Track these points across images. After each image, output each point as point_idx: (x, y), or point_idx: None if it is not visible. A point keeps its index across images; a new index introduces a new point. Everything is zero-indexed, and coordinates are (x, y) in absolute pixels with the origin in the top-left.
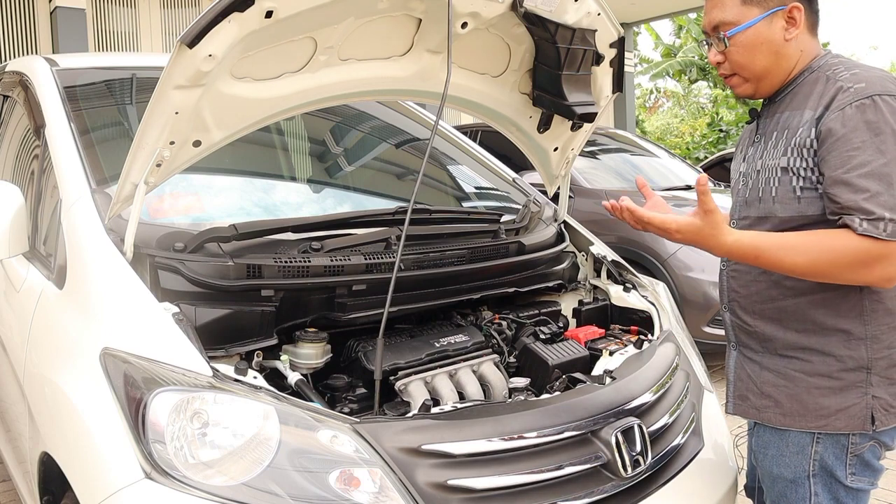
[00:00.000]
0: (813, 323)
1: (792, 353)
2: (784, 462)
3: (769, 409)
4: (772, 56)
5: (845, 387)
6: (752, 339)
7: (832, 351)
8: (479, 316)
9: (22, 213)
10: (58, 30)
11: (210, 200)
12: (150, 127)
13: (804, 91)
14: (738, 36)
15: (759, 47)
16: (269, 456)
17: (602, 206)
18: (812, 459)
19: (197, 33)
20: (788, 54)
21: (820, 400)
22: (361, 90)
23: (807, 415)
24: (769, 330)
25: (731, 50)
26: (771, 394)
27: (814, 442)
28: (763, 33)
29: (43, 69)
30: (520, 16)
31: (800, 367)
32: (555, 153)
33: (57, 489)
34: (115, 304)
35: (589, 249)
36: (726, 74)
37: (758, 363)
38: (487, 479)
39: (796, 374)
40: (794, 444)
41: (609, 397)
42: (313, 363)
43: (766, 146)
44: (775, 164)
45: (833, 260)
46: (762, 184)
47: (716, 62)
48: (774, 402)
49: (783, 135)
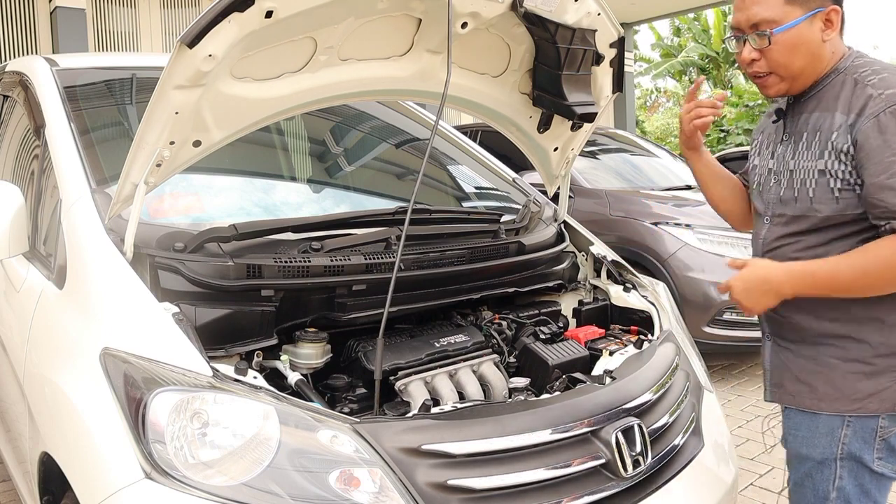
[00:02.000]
0: (847, 312)
1: (827, 341)
2: (813, 444)
3: (804, 394)
4: (809, 56)
5: (878, 371)
6: (787, 329)
7: (866, 338)
8: (479, 316)
9: (22, 213)
10: (58, 30)
11: (210, 200)
12: (150, 127)
13: (831, 93)
14: (781, 34)
15: (800, 47)
16: (269, 456)
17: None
18: (841, 442)
19: (197, 33)
20: (823, 56)
21: (855, 384)
22: (361, 90)
23: (841, 398)
24: (804, 321)
25: (772, 48)
26: (807, 380)
27: (844, 425)
28: (804, 34)
29: (43, 69)
30: (520, 16)
31: (834, 354)
32: (555, 153)
33: (57, 489)
34: (115, 304)
35: (589, 249)
36: (761, 73)
37: (792, 352)
38: (487, 479)
39: (831, 361)
40: (824, 426)
41: (609, 397)
42: (313, 363)
43: (798, 147)
44: (812, 167)
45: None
46: (797, 184)
47: (750, 59)
48: (810, 387)
49: (816, 136)
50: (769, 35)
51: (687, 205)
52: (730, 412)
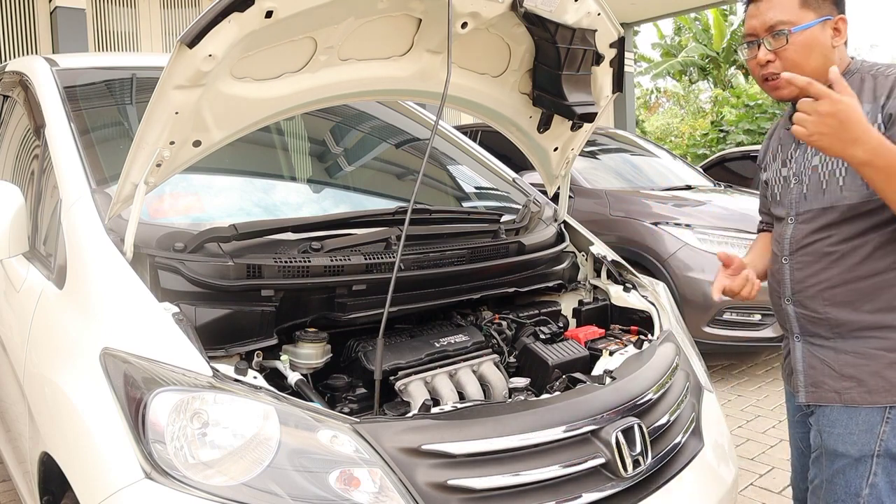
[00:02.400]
0: (887, 302)
1: (868, 334)
2: (851, 440)
3: (851, 389)
4: (822, 59)
5: None
6: (821, 326)
7: None
8: (479, 316)
9: (22, 213)
10: (58, 30)
11: (210, 200)
12: (150, 127)
13: (852, 89)
14: (798, 34)
15: (815, 49)
16: (269, 456)
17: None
18: (879, 439)
19: (197, 33)
20: (833, 60)
21: None
22: (361, 90)
23: (892, 389)
24: (842, 315)
25: (787, 48)
26: (852, 374)
27: (883, 421)
28: (818, 36)
29: (43, 69)
30: (520, 16)
31: (878, 345)
32: (555, 153)
33: (57, 489)
34: (115, 304)
35: (589, 249)
36: (774, 75)
37: (832, 349)
38: (487, 479)
39: (876, 352)
40: (863, 422)
41: (609, 397)
42: (313, 363)
43: (808, 153)
44: (834, 166)
45: None
46: (824, 177)
47: (766, 61)
48: (857, 381)
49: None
50: (787, 34)
51: (687, 205)
52: (730, 412)
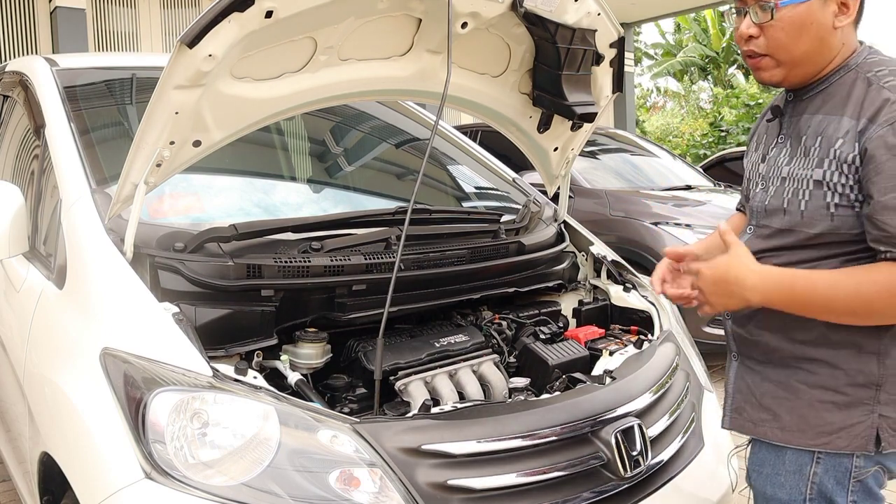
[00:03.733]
0: (822, 334)
1: (797, 364)
2: (779, 482)
3: (767, 422)
4: (816, 41)
5: (851, 403)
6: (755, 349)
7: (840, 364)
8: (479, 316)
9: (22, 213)
10: (58, 30)
11: (210, 200)
12: (150, 127)
13: (840, 93)
14: (787, 9)
15: (808, 28)
16: (269, 456)
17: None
18: (810, 481)
19: (197, 33)
20: (832, 44)
21: (823, 415)
22: (361, 90)
23: (807, 430)
24: (774, 341)
25: (773, 24)
26: (770, 406)
27: (813, 462)
28: (815, 13)
29: (43, 69)
30: (520, 16)
31: (804, 379)
32: (555, 153)
33: (57, 489)
34: (115, 304)
35: (589, 249)
36: (756, 53)
37: (759, 373)
38: (487, 479)
39: (799, 386)
40: (791, 462)
41: (609, 397)
42: (313, 363)
43: (795, 152)
44: (807, 176)
45: (879, 299)
46: (788, 194)
47: (748, 35)
48: (773, 415)
49: (816, 142)
50: (773, 7)
51: (687, 205)
52: None
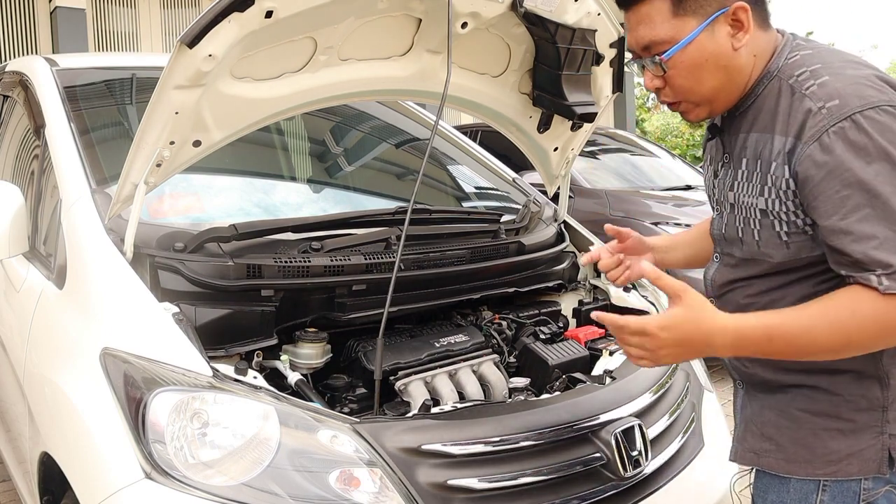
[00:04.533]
0: (816, 364)
1: (795, 391)
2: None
3: (771, 453)
4: (721, 72)
5: (857, 429)
6: (752, 379)
7: (839, 391)
8: (479, 316)
9: (22, 213)
10: (58, 30)
11: (210, 200)
12: (150, 127)
13: (767, 105)
14: (676, 56)
15: (704, 65)
16: (269, 456)
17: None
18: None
19: (197, 33)
20: (740, 65)
21: (829, 443)
22: (361, 90)
23: (814, 460)
24: (766, 373)
25: (670, 74)
26: (772, 436)
27: (819, 490)
28: (707, 48)
29: (43, 69)
30: (520, 16)
31: (805, 406)
32: (555, 153)
33: (57, 489)
34: (115, 304)
35: (589, 249)
36: (670, 101)
37: (759, 401)
38: (487, 479)
39: (800, 415)
40: (796, 490)
41: (609, 397)
42: (313, 363)
43: (737, 175)
44: (752, 205)
45: (869, 328)
46: (740, 223)
47: (654, 88)
48: (776, 445)
49: (756, 166)
50: (660, 62)
51: (687, 205)
52: (730, 412)
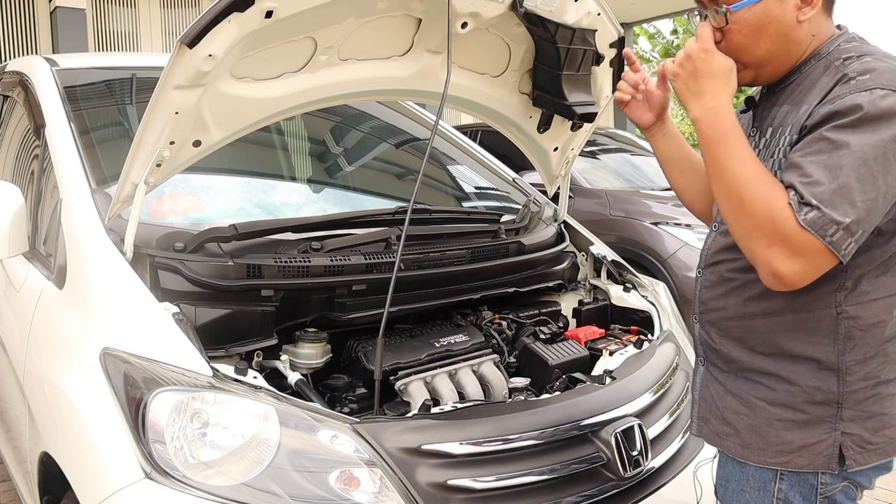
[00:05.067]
0: (780, 348)
1: (756, 378)
2: (745, 499)
3: (730, 437)
4: (780, 40)
5: (811, 421)
6: (717, 357)
7: (798, 380)
8: (479, 316)
9: (22, 213)
10: (58, 30)
11: (210, 201)
12: (150, 127)
13: (808, 82)
14: (742, 11)
15: (767, 28)
16: (269, 456)
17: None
18: (775, 497)
19: (197, 33)
20: (799, 39)
21: (782, 433)
22: (361, 90)
23: (767, 449)
24: (734, 351)
25: (731, 28)
26: (732, 421)
27: (777, 479)
28: (773, 10)
29: (43, 69)
30: (520, 16)
31: (763, 395)
32: (555, 153)
33: (57, 489)
34: (115, 304)
35: (589, 249)
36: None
37: (722, 384)
38: (487, 479)
39: (758, 403)
40: (755, 479)
41: (609, 397)
42: (313, 363)
43: (760, 144)
44: (768, 168)
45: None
46: None
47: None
48: (735, 430)
49: (777, 133)
50: (726, 12)
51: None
52: None
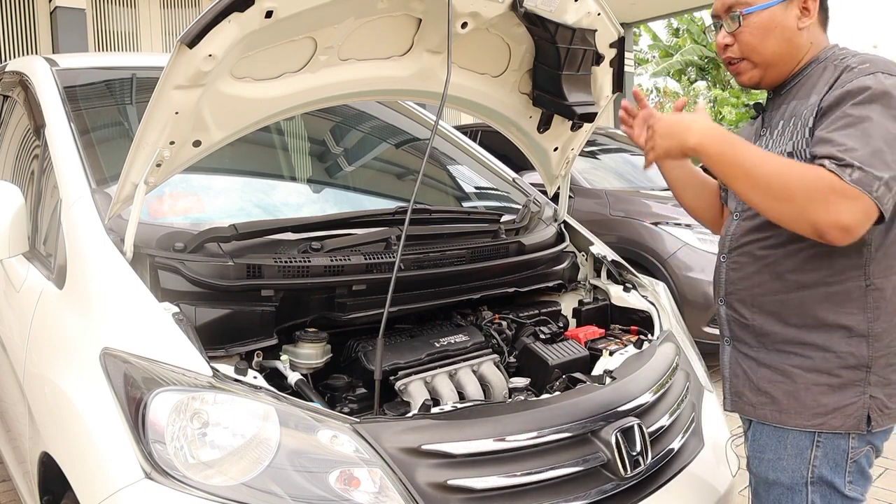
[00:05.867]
0: (814, 318)
1: (790, 349)
2: (781, 466)
3: (765, 405)
4: (784, 42)
5: (844, 384)
6: (748, 333)
7: (833, 347)
8: (479, 316)
9: (22, 213)
10: (58, 30)
11: (210, 201)
12: (150, 127)
13: (811, 80)
14: (753, 16)
15: (773, 31)
16: (269, 456)
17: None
18: (811, 465)
19: (197, 33)
20: (799, 43)
21: (818, 397)
22: (361, 90)
23: (803, 412)
24: (767, 324)
25: (743, 31)
26: (767, 390)
27: (813, 446)
28: (778, 17)
29: (43, 69)
30: (520, 16)
31: (798, 363)
32: (555, 153)
33: (57, 489)
34: (115, 304)
35: (589, 249)
36: (734, 59)
37: (753, 359)
38: (487, 479)
39: (794, 371)
40: (792, 446)
41: (609, 397)
42: (313, 363)
43: (773, 137)
44: (781, 151)
45: (796, 179)
46: None
47: (724, 44)
48: (771, 398)
49: (790, 123)
50: (739, 16)
51: None
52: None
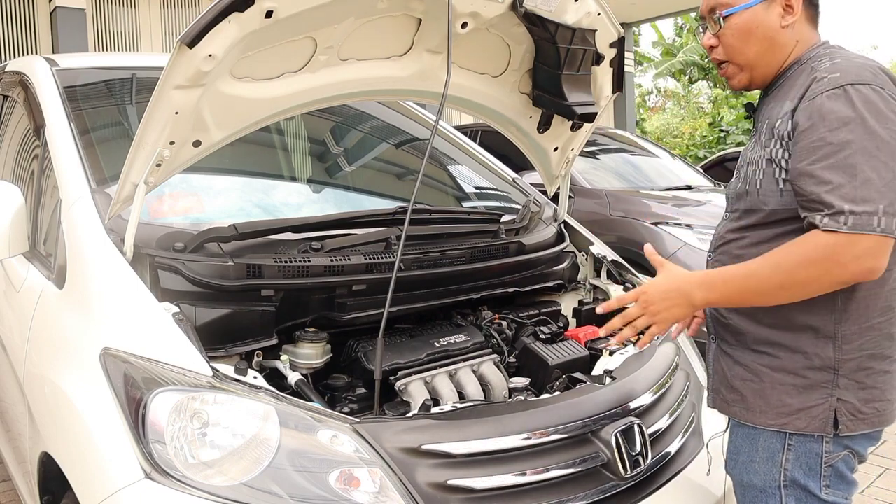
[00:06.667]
0: (786, 318)
1: (762, 349)
2: (754, 469)
3: (736, 403)
4: (766, 42)
5: (809, 386)
6: (728, 331)
7: (801, 347)
8: (479, 316)
9: (22, 213)
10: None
11: (210, 201)
12: (150, 127)
13: (790, 83)
14: (733, 17)
15: (754, 31)
16: (269, 456)
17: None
18: (782, 468)
19: (197, 33)
20: (783, 42)
21: (783, 397)
22: (361, 90)
23: (768, 411)
24: (743, 323)
25: (724, 32)
26: (739, 388)
27: (784, 449)
28: (759, 17)
29: (43, 69)
30: (520, 16)
31: (767, 363)
32: (555, 153)
33: (57, 489)
34: (115, 304)
35: (589, 249)
36: (720, 61)
37: (731, 357)
38: (487, 479)
39: (763, 370)
40: (764, 449)
41: (609, 397)
42: (313, 363)
43: (757, 138)
44: (760, 157)
45: (804, 263)
46: (749, 175)
47: (709, 46)
48: (741, 396)
49: (764, 125)
50: (720, 18)
51: (687, 205)
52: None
